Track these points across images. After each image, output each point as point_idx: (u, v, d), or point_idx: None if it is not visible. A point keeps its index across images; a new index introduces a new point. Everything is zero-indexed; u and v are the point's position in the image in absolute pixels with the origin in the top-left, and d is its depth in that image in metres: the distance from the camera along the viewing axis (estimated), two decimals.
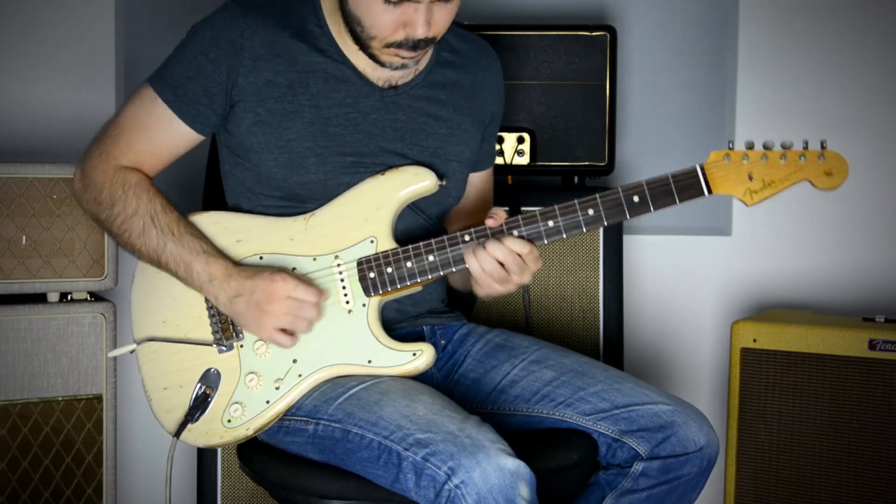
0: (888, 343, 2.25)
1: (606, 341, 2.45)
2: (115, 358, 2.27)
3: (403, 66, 1.83)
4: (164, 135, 1.85)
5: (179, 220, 1.83)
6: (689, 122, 2.79)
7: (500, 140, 2.43)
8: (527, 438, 1.78)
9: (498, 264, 1.75)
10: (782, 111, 2.78)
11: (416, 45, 1.76)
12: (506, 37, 2.43)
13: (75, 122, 2.60)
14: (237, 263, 1.82)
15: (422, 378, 1.84)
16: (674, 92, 2.79)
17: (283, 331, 1.78)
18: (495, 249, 1.74)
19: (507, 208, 1.81)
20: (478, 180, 2.06)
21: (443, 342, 1.99)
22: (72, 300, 2.26)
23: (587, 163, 2.46)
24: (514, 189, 2.40)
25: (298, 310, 1.76)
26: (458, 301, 2.12)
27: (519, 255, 1.75)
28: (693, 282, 2.85)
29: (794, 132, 2.76)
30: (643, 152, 2.78)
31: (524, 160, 2.44)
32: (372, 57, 1.81)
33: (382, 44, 1.77)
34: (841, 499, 2.31)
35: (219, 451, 2.33)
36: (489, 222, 1.77)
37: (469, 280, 1.83)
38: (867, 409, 2.28)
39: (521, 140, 2.44)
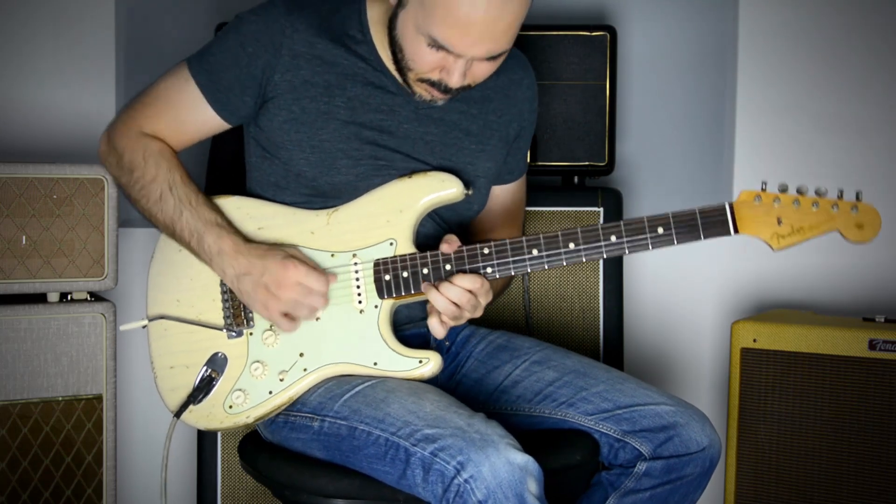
0: (888, 343, 2.25)
1: (606, 341, 2.45)
2: (115, 357, 2.27)
3: (432, 103, 1.82)
4: (191, 115, 1.87)
5: (198, 193, 1.85)
6: (689, 121, 2.79)
7: None
8: (528, 438, 1.78)
9: (453, 304, 1.76)
10: (782, 111, 2.78)
11: (447, 90, 1.77)
12: None
13: (75, 122, 2.60)
14: (248, 240, 1.83)
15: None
16: (674, 92, 2.79)
17: (287, 315, 1.79)
18: (448, 291, 1.75)
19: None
20: (505, 193, 2.05)
21: (447, 343, 1.99)
22: (72, 300, 2.25)
23: (587, 163, 2.46)
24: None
25: (306, 297, 1.77)
26: None
27: (471, 292, 1.76)
28: (693, 282, 2.85)
29: (793, 133, 2.76)
30: (643, 152, 2.79)
31: None
32: (405, 83, 1.82)
33: (417, 77, 1.77)
34: (841, 499, 2.30)
35: (218, 451, 2.32)
36: (444, 248, 1.78)
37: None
38: (867, 409, 2.28)
39: None
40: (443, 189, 1.83)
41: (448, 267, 1.79)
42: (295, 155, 1.85)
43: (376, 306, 1.81)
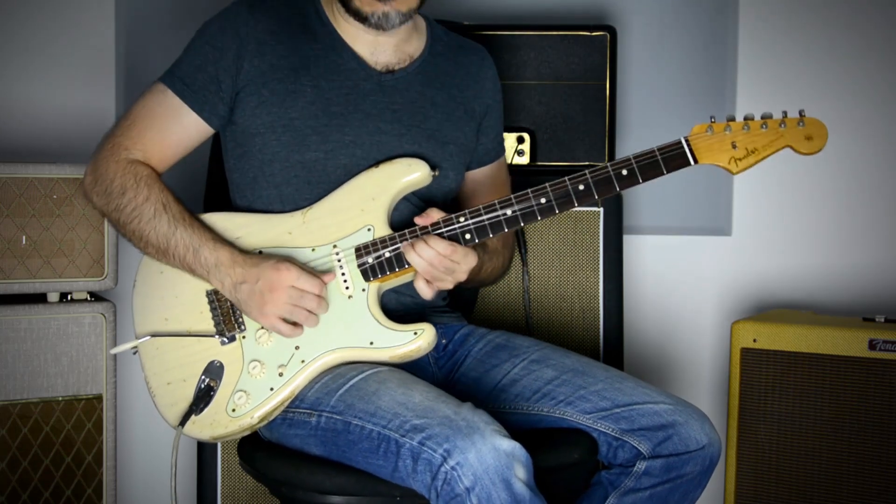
0: (888, 343, 2.25)
1: (606, 341, 2.45)
2: (115, 357, 2.27)
3: (384, 19, 1.86)
4: (174, 125, 1.90)
5: (188, 211, 1.88)
6: (690, 122, 2.79)
7: None
8: (526, 437, 1.77)
9: (429, 265, 1.80)
10: (781, 109, 2.78)
11: None
12: (506, 37, 2.43)
13: (75, 122, 2.60)
14: (244, 251, 1.85)
15: (423, 376, 1.85)
16: (674, 92, 2.79)
17: (286, 320, 1.80)
18: (424, 251, 1.79)
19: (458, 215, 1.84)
20: (485, 173, 2.10)
21: (444, 341, 2.00)
22: (72, 300, 2.26)
23: (587, 163, 2.46)
24: (514, 189, 2.40)
25: (300, 300, 1.79)
26: (461, 301, 2.13)
27: (445, 256, 1.79)
28: (693, 282, 2.85)
29: None
30: None
31: (524, 160, 2.44)
32: (356, 12, 1.87)
33: None
34: (841, 499, 2.30)
35: (218, 451, 2.32)
36: (418, 220, 1.82)
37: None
38: (867, 409, 2.28)
39: (521, 140, 2.45)
40: (410, 173, 1.87)
41: None
42: (268, 138, 1.89)
43: (363, 290, 1.83)
